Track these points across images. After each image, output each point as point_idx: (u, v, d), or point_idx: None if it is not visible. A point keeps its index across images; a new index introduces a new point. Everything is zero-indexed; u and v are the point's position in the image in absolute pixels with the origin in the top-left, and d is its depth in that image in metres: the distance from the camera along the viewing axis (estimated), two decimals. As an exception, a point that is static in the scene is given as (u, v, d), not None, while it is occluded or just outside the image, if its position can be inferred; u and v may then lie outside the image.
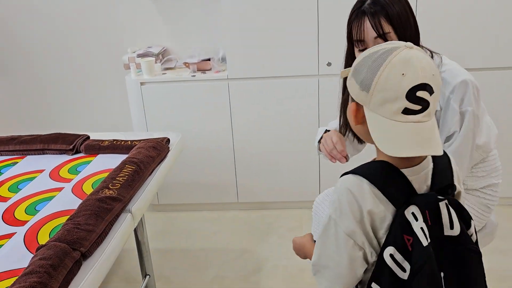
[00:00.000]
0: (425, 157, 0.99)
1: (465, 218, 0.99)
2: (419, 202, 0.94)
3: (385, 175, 0.96)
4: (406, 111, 0.89)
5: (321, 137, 1.57)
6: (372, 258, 0.97)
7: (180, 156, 2.10)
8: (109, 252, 1.33)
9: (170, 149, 1.95)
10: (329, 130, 1.58)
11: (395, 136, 0.91)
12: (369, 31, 1.34)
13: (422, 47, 1.39)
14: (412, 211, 0.93)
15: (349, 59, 1.48)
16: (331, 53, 2.44)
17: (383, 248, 0.94)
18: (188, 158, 2.74)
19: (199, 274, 2.33)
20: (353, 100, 0.98)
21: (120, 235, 1.41)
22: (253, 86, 2.58)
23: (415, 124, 0.90)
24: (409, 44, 0.93)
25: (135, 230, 1.96)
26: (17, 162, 1.95)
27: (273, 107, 2.61)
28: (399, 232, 0.92)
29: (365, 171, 0.97)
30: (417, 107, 0.89)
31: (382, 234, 0.96)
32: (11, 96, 3.16)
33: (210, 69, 2.68)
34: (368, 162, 1.01)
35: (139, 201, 1.59)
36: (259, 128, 2.67)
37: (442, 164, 1.02)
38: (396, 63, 0.90)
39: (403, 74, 0.89)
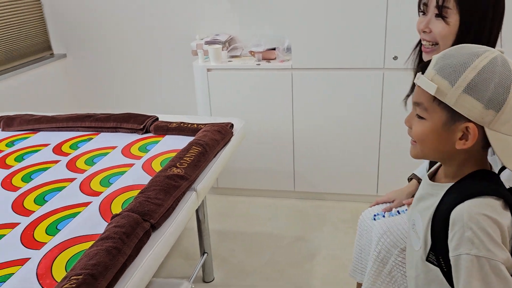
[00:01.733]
0: None
1: None
2: None
3: (499, 184, 0.91)
4: None
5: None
6: None
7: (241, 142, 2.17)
8: (175, 226, 1.42)
9: (233, 134, 2.03)
10: (412, 178, 1.59)
11: None
12: None
13: None
14: None
15: None
16: (398, 46, 2.42)
17: None
18: (248, 145, 2.81)
19: (253, 257, 2.41)
20: (462, 120, 0.89)
21: (185, 211, 1.50)
22: (317, 76, 2.60)
23: None
24: (501, 49, 0.91)
25: (197, 210, 2.05)
26: (92, 138, 2.09)
27: (335, 99, 2.62)
28: None
29: (483, 188, 0.90)
30: None
31: None
32: (89, 78, 3.36)
33: (274, 59, 2.73)
34: (470, 178, 0.94)
35: (203, 181, 1.67)
36: (320, 119, 2.69)
37: None
38: None
39: None
